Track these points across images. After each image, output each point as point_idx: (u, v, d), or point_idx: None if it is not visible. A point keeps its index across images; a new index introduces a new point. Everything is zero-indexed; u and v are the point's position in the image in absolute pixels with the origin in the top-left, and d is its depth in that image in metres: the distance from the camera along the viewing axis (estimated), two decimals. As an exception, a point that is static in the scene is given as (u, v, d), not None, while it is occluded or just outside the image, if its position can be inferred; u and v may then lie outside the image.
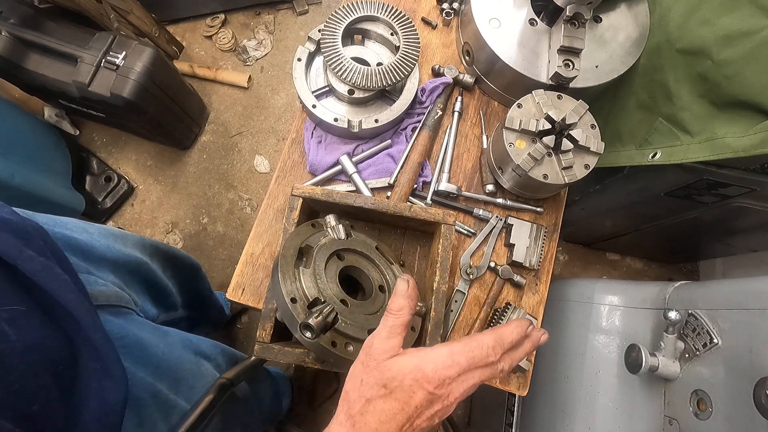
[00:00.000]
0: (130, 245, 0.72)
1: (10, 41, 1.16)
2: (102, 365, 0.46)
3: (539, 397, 0.88)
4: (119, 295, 0.60)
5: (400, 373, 0.42)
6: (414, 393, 0.42)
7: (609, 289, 0.83)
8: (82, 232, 0.62)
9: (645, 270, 1.59)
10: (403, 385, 0.42)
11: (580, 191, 1.11)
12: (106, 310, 0.56)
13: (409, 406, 0.42)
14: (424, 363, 0.42)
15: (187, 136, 1.54)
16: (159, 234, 1.52)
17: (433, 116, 0.78)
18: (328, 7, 1.73)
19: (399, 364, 0.43)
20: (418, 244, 0.76)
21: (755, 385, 0.55)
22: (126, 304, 0.61)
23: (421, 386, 0.42)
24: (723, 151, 0.63)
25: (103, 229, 0.68)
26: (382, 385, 0.42)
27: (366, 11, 0.73)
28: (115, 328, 0.55)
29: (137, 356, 0.56)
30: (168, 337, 0.64)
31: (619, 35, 0.76)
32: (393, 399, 0.42)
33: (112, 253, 0.65)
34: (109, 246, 0.65)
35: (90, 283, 0.55)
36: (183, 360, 0.64)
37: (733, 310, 0.62)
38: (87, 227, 0.65)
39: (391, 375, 0.42)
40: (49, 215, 0.61)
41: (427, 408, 0.42)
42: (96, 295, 0.55)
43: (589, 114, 0.69)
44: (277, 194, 0.76)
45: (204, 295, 1.08)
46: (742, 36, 0.60)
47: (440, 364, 0.42)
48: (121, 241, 0.69)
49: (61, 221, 0.62)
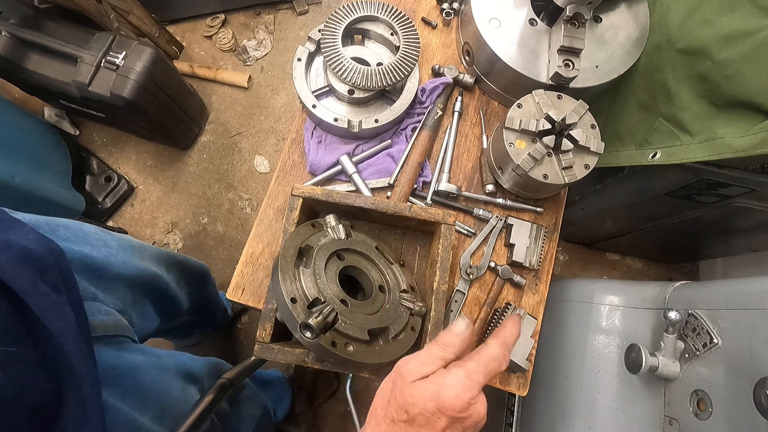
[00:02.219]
0: (147, 258, 0.73)
1: (10, 41, 1.16)
2: (84, 413, 0.46)
3: (539, 397, 0.88)
4: (118, 324, 0.61)
5: (421, 399, 0.42)
6: (438, 420, 0.42)
7: (609, 289, 0.83)
8: (102, 246, 0.64)
9: (645, 270, 1.59)
10: (425, 413, 0.42)
11: (580, 191, 1.11)
12: (103, 341, 0.57)
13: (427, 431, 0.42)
14: (444, 389, 0.42)
15: (187, 136, 1.54)
16: (159, 234, 1.52)
17: (433, 116, 0.78)
18: (328, 7, 1.73)
19: (420, 390, 0.43)
20: (418, 244, 0.76)
21: (755, 385, 0.55)
22: (124, 333, 0.62)
23: (444, 413, 0.41)
24: (723, 151, 0.63)
25: (122, 241, 0.69)
26: (405, 410, 0.42)
27: (366, 11, 0.73)
28: (110, 358, 0.56)
29: (126, 387, 0.57)
30: (161, 361, 0.65)
31: (619, 35, 0.76)
32: (416, 425, 0.42)
33: (128, 270, 0.66)
34: (126, 261, 0.66)
35: (93, 314, 0.56)
36: (172, 388, 0.65)
37: (733, 310, 0.62)
38: (108, 239, 0.66)
39: (413, 401, 0.42)
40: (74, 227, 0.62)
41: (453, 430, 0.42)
42: (96, 326, 0.56)
43: (589, 114, 0.69)
44: (277, 194, 0.76)
45: (211, 299, 1.08)
46: (742, 36, 0.60)
47: (460, 388, 0.42)
48: (138, 254, 0.71)
49: (83, 234, 0.62)
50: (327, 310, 0.52)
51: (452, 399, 0.41)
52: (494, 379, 0.72)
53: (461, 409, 0.41)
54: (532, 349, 0.70)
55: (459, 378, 0.43)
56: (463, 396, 0.42)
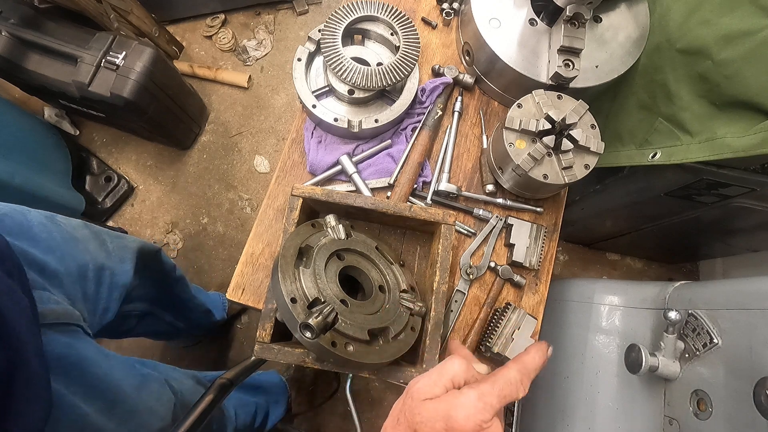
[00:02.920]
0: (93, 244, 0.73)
1: (10, 41, 1.16)
2: (31, 392, 0.48)
3: (539, 397, 0.88)
4: (69, 313, 0.61)
5: (431, 419, 0.41)
6: None
7: (609, 289, 0.83)
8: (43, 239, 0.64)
9: (645, 270, 1.59)
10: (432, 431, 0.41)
11: (580, 191, 1.11)
12: (54, 328, 0.57)
13: None
14: (454, 409, 0.40)
15: (187, 136, 1.54)
16: (159, 234, 1.52)
17: (433, 116, 0.78)
18: (328, 7, 1.73)
19: (429, 409, 0.41)
20: (418, 244, 0.76)
21: (755, 385, 0.55)
22: (76, 321, 0.62)
23: None
24: (723, 151, 0.63)
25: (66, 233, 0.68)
26: (414, 429, 0.41)
27: (366, 11, 0.73)
28: (59, 346, 0.57)
29: (72, 376, 0.58)
30: (110, 360, 0.65)
31: (619, 35, 0.76)
32: None
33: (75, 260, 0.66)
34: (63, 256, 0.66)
35: (42, 302, 0.57)
36: (123, 384, 0.65)
37: (733, 310, 0.62)
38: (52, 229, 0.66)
39: (421, 419, 0.41)
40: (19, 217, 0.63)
41: None
42: (46, 313, 0.56)
43: (589, 114, 0.69)
44: (277, 194, 0.76)
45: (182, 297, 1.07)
46: (742, 36, 0.60)
47: (472, 409, 0.40)
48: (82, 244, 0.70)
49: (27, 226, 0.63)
50: (327, 310, 0.52)
51: (462, 420, 0.40)
52: (494, 379, 0.72)
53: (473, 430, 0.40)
54: (532, 349, 0.70)
55: (471, 399, 0.41)
56: (474, 418, 0.40)
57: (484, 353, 0.71)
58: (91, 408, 0.59)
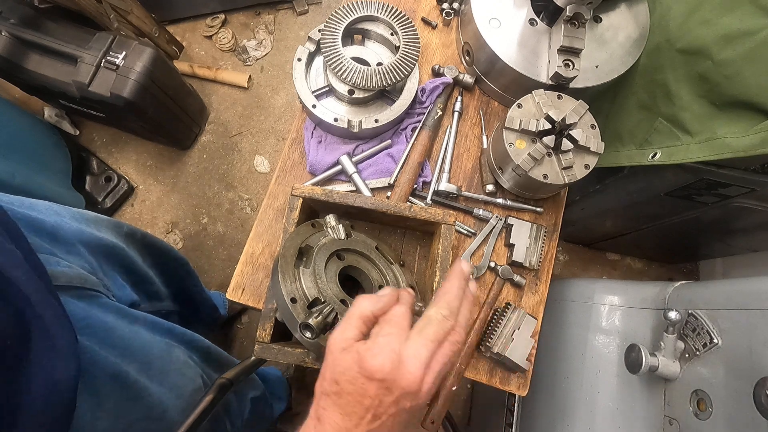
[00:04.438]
0: (104, 229, 0.71)
1: (10, 41, 1.15)
2: (51, 343, 0.45)
3: (539, 397, 0.88)
4: (84, 277, 0.59)
5: (347, 368, 0.41)
6: (363, 386, 0.40)
7: (609, 289, 0.83)
8: (51, 214, 0.62)
9: (645, 270, 1.59)
10: (350, 379, 0.41)
11: (580, 191, 1.11)
12: (69, 292, 0.55)
13: (364, 399, 0.41)
14: (365, 353, 0.41)
15: (187, 136, 1.54)
16: (159, 234, 1.52)
17: (433, 116, 0.78)
18: (328, 7, 1.73)
19: (346, 358, 0.42)
20: (418, 244, 0.76)
21: (755, 385, 0.55)
22: (93, 287, 0.59)
23: (367, 377, 0.40)
24: (723, 151, 0.63)
25: (76, 212, 0.67)
26: (335, 380, 0.42)
27: (366, 11, 0.73)
28: (78, 310, 0.55)
29: (101, 337, 0.55)
30: (134, 323, 0.63)
31: (619, 35, 0.76)
32: (346, 394, 0.41)
33: (84, 236, 0.64)
34: (81, 229, 0.64)
35: (50, 264, 0.54)
36: (152, 344, 0.63)
37: (733, 310, 0.62)
38: (59, 210, 0.64)
39: (341, 370, 0.41)
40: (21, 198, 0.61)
41: (385, 396, 0.41)
42: (57, 275, 0.54)
43: (589, 114, 0.69)
44: (277, 194, 0.76)
45: (195, 291, 1.07)
46: (742, 36, 0.60)
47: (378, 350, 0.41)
48: (94, 225, 0.69)
49: (30, 203, 0.61)
50: (327, 310, 0.52)
51: (371, 359, 0.40)
52: (494, 380, 0.72)
53: (382, 370, 0.40)
54: (532, 349, 0.70)
55: (377, 342, 0.41)
56: (382, 355, 0.40)
57: (484, 353, 0.71)
58: (130, 367, 0.57)
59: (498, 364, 0.72)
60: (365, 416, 0.41)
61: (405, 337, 0.42)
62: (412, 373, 0.40)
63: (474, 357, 0.72)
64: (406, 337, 0.42)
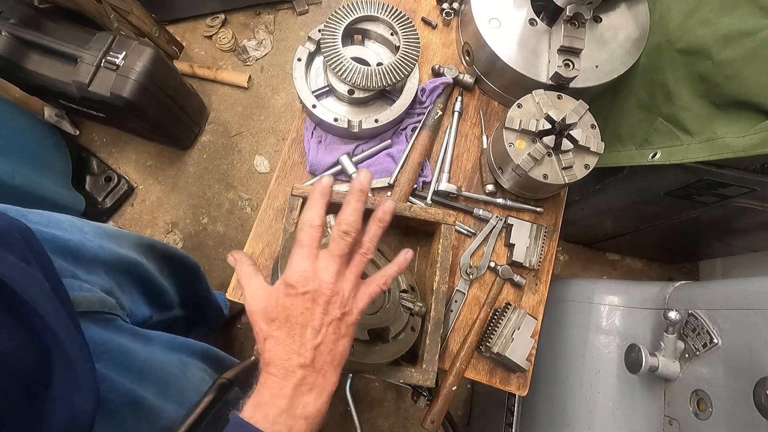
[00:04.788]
0: (126, 245, 0.72)
1: (10, 41, 1.15)
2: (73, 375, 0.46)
3: (539, 397, 0.88)
4: (103, 300, 0.60)
5: (275, 299, 0.45)
6: (291, 305, 0.44)
7: (609, 289, 0.83)
8: (76, 231, 0.62)
9: (645, 270, 1.59)
10: (280, 306, 0.45)
11: (580, 191, 1.11)
12: (88, 316, 0.56)
13: (295, 317, 0.44)
14: (284, 278, 0.45)
15: (187, 136, 1.54)
16: (159, 234, 1.52)
17: (433, 116, 0.78)
18: (328, 7, 1.73)
19: (271, 296, 0.46)
20: (418, 244, 0.76)
21: (755, 385, 0.55)
22: (111, 310, 0.60)
23: (291, 295, 0.44)
24: (723, 151, 0.63)
25: (98, 228, 0.67)
26: (269, 320, 0.45)
27: (366, 11, 0.73)
28: (96, 334, 0.55)
29: (119, 362, 0.56)
30: (151, 343, 0.64)
31: (619, 35, 0.76)
32: (281, 323, 0.45)
33: (105, 254, 0.64)
34: (103, 246, 0.64)
35: (73, 289, 0.55)
36: (168, 364, 0.64)
37: (733, 310, 0.62)
38: (82, 226, 0.65)
39: (270, 307, 0.46)
40: (45, 213, 0.61)
41: (314, 307, 0.44)
42: (79, 301, 0.55)
43: (589, 114, 0.69)
44: (277, 194, 0.76)
45: (202, 295, 1.07)
46: (742, 36, 0.60)
47: (290, 269, 0.45)
48: (116, 241, 0.69)
49: (56, 219, 0.61)
50: (327, 310, 0.52)
51: (289, 278, 0.45)
52: (494, 380, 0.72)
53: (300, 281, 0.44)
54: (532, 349, 0.70)
55: (291, 264, 0.46)
56: (295, 271, 0.45)
57: (484, 353, 0.71)
58: (148, 392, 0.58)
59: (498, 364, 0.72)
60: (305, 333, 0.44)
61: (315, 255, 0.46)
62: (327, 281, 0.45)
63: (474, 357, 0.72)
64: (315, 256, 0.46)
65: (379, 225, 0.51)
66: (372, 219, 0.51)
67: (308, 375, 0.43)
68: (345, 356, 0.46)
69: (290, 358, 0.43)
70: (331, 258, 0.46)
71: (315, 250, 0.47)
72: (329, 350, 0.45)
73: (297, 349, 0.44)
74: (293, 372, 0.43)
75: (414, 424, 1.38)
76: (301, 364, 0.43)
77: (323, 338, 0.44)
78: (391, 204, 0.52)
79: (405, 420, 1.38)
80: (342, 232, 0.47)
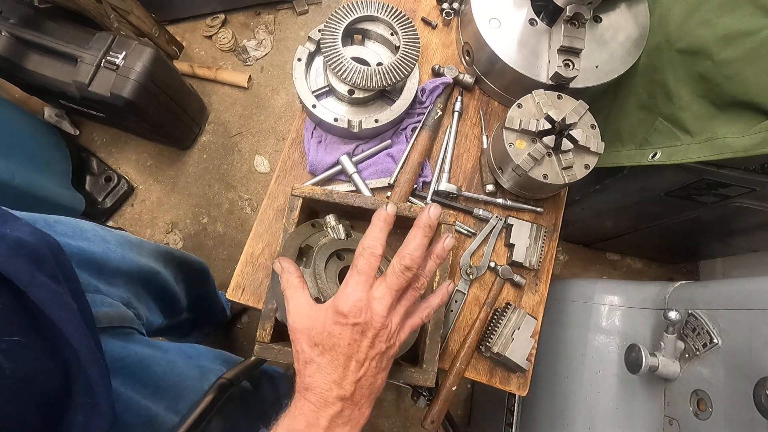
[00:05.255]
0: (146, 254, 0.73)
1: (10, 41, 1.16)
2: (92, 400, 0.46)
3: (539, 397, 0.88)
4: (123, 315, 0.60)
5: (322, 325, 0.44)
6: (340, 334, 0.43)
7: (609, 289, 0.83)
8: (99, 241, 0.63)
9: (645, 270, 1.59)
10: (328, 333, 0.43)
11: (580, 191, 1.11)
12: (109, 332, 0.57)
13: (342, 347, 0.43)
14: (335, 303, 0.44)
15: (187, 136, 1.54)
16: (159, 234, 1.52)
17: (433, 116, 0.78)
18: (328, 7, 1.73)
19: (319, 320, 0.45)
20: (418, 244, 0.76)
21: (755, 385, 0.55)
22: (130, 324, 0.61)
23: (341, 324, 0.43)
24: (723, 151, 0.63)
25: (120, 237, 0.68)
26: (313, 344, 0.44)
27: (366, 11, 0.73)
28: (117, 348, 0.56)
29: (138, 377, 0.57)
30: (168, 354, 0.65)
31: (619, 35, 0.76)
32: (326, 350, 0.43)
33: (126, 265, 0.65)
34: (124, 257, 0.65)
35: (96, 305, 0.56)
36: (185, 376, 0.65)
37: (733, 310, 0.62)
38: (105, 235, 0.65)
39: (316, 332, 0.44)
40: (71, 221, 0.62)
41: (362, 340, 0.43)
42: (100, 317, 0.55)
43: (589, 114, 0.69)
44: (277, 194, 0.76)
45: (210, 297, 1.08)
46: (742, 36, 0.60)
47: (344, 295, 0.44)
48: (136, 250, 0.70)
49: (81, 229, 0.62)
50: (327, 310, 0.52)
51: (342, 306, 0.43)
52: (494, 380, 0.72)
53: (353, 312, 0.43)
54: (532, 349, 0.70)
55: (347, 290, 0.44)
56: (349, 300, 0.43)
57: (484, 353, 0.71)
58: (160, 407, 0.58)
59: (498, 364, 0.72)
60: (349, 365, 0.43)
61: (371, 285, 0.45)
62: (380, 314, 0.44)
63: (474, 357, 0.72)
64: (371, 285, 0.45)
65: (436, 261, 0.50)
66: (431, 254, 0.50)
67: (346, 408, 0.43)
68: (381, 389, 0.45)
69: (331, 388, 0.42)
70: (387, 291, 0.45)
71: (372, 279, 0.45)
72: (369, 384, 0.44)
73: (339, 380, 0.43)
74: (332, 403, 0.42)
75: (414, 424, 1.38)
76: (340, 397, 0.42)
77: (365, 371, 0.43)
78: (452, 241, 0.51)
79: (405, 420, 1.38)
80: (404, 267, 0.45)
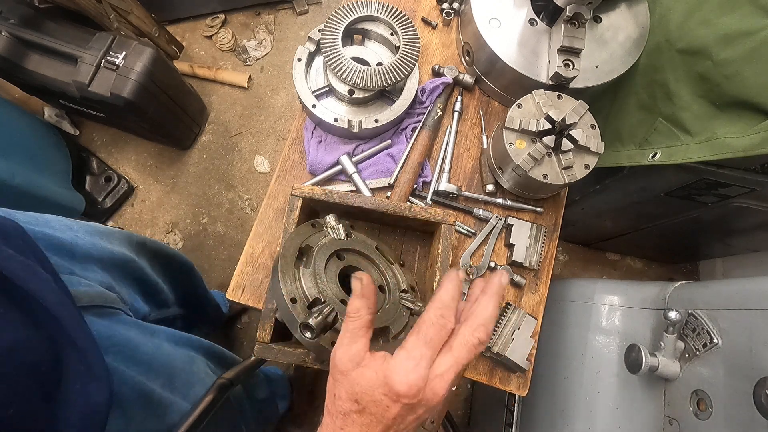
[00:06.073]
0: (117, 242, 0.71)
1: (10, 41, 1.16)
2: (86, 367, 0.45)
3: (539, 397, 0.88)
4: (104, 295, 0.59)
5: (370, 388, 0.40)
6: (388, 407, 0.39)
7: (609, 289, 0.83)
8: (65, 230, 0.62)
9: (645, 270, 1.59)
10: (375, 400, 0.40)
11: (580, 191, 1.11)
12: (91, 311, 0.55)
13: (386, 419, 0.40)
14: (391, 376, 0.39)
15: (187, 136, 1.54)
16: (159, 234, 1.52)
17: (433, 116, 0.78)
18: (328, 7, 1.73)
19: (366, 379, 0.40)
20: (418, 244, 0.76)
21: (755, 385, 0.55)
22: (112, 304, 0.60)
23: (393, 400, 0.39)
24: (723, 151, 0.63)
25: (88, 226, 0.67)
26: (354, 400, 0.41)
27: (366, 11, 0.73)
28: (102, 328, 0.55)
29: (127, 355, 0.56)
30: (156, 336, 0.64)
31: (619, 35, 0.76)
32: (368, 414, 0.40)
33: (98, 251, 0.64)
34: (95, 243, 0.64)
35: (72, 284, 0.54)
36: (174, 357, 0.64)
37: (733, 310, 0.62)
38: (71, 225, 0.64)
39: (361, 390, 0.40)
40: (32, 213, 0.61)
41: (409, 415, 0.40)
42: (79, 296, 0.54)
43: (589, 114, 0.69)
44: (277, 194, 0.76)
45: (199, 294, 1.08)
46: (742, 36, 0.60)
47: (404, 370, 0.39)
48: (106, 238, 0.69)
49: (44, 219, 0.61)
50: (327, 310, 0.52)
51: (400, 384, 0.38)
52: (494, 380, 0.72)
53: (410, 394, 0.38)
54: (532, 349, 0.70)
55: (401, 360, 0.39)
56: (410, 378, 0.38)
57: (484, 353, 0.71)
58: (155, 384, 0.57)
59: (498, 364, 0.72)
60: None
61: (434, 360, 0.40)
62: (437, 395, 0.39)
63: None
64: (434, 360, 0.40)
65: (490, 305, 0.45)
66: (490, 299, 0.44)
67: None
68: None
69: None
70: (454, 366, 0.40)
71: (436, 354, 0.41)
72: None
73: None
74: None
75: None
76: None
77: None
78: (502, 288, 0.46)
79: (405, 420, 1.38)
80: (479, 342, 0.41)
